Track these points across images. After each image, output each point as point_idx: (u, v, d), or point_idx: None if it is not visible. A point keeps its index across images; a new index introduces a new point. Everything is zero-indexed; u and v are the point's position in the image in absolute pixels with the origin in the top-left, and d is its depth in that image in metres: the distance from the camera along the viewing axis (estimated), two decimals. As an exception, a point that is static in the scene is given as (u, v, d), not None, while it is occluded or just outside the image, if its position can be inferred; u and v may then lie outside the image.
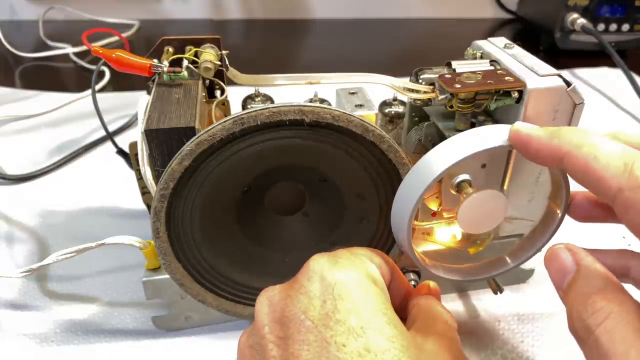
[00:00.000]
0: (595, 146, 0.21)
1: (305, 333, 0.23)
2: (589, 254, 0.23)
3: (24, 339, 0.36)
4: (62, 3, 1.01)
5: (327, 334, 0.22)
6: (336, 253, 0.27)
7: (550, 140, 0.23)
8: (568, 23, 0.86)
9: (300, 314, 0.23)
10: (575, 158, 0.22)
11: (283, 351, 0.23)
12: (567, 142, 0.22)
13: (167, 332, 0.37)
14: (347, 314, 0.23)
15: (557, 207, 0.30)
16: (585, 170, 0.21)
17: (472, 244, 0.36)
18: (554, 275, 0.24)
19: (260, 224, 0.34)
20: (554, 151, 0.23)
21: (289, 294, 0.25)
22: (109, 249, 0.34)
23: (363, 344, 0.22)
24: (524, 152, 0.25)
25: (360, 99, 0.42)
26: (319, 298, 0.24)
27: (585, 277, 0.22)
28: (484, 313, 0.39)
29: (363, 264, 0.26)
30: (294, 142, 0.29)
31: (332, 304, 0.23)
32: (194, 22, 1.09)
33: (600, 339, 0.20)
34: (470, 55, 0.37)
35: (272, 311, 0.25)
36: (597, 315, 0.20)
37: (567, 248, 0.23)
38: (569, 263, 0.23)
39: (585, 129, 0.23)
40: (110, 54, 0.34)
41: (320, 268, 0.25)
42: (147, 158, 0.32)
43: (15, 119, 0.67)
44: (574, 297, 0.22)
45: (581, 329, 0.21)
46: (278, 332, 0.24)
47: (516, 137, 0.25)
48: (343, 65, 0.86)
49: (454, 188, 0.31)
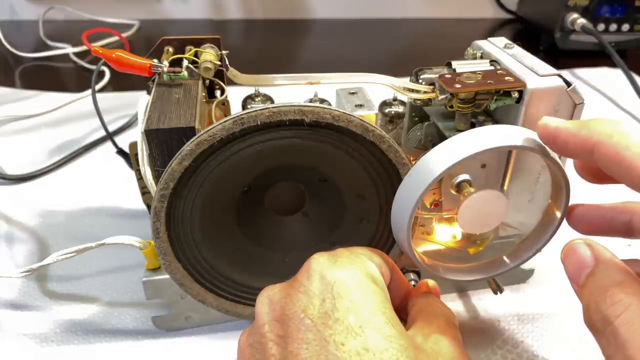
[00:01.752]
0: (627, 135, 0.21)
1: (304, 332, 0.23)
2: (608, 250, 0.23)
3: (24, 339, 0.36)
4: (62, 3, 1.01)
5: (325, 332, 0.22)
6: (336, 252, 0.27)
7: (580, 131, 0.23)
8: (568, 23, 0.86)
9: (299, 313, 0.24)
10: (606, 147, 0.22)
11: (282, 349, 0.23)
12: (597, 132, 0.22)
13: (167, 332, 0.37)
14: (346, 312, 0.23)
15: (557, 207, 0.30)
16: (617, 160, 0.21)
17: (472, 244, 0.36)
18: (571, 269, 0.24)
19: (260, 224, 0.34)
20: (584, 142, 0.23)
21: (288, 292, 0.25)
22: (109, 249, 0.34)
23: (362, 343, 0.22)
24: (552, 145, 0.25)
25: (360, 99, 0.42)
26: (318, 297, 0.24)
27: (604, 270, 0.22)
28: (484, 313, 0.39)
29: (363, 263, 0.26)
30: (294, 142, 0.29)
31: (331, 303, 0.23)
32: (194, 22, 1.09)
33: (619, 329, 0.20)
34: (470, 55, 0.37)
35: (272, 310, 0.25)
36: (616, 307, 0.20)
37: (587, 243, 0.24)
38: (587, 257, 0.23)
39: (616, 119, 0.23)
40: (110, 54, 0.34)
41: (320, 267, 0.25)
42: (147, 158, 0.32)
43: (15, 119, 0.67)
44: (592, 289, 0.22)
45: (599, 320, 0.21)
46: (278, 331, 0.24)
47: (544, 130, 0.25)
48: (343, 65, 0.86)
49: (454, 188, 0.31)
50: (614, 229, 0.27)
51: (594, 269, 0.23)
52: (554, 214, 0.30)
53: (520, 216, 0.36)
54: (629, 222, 0.27)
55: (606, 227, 0.28)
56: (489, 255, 0.34)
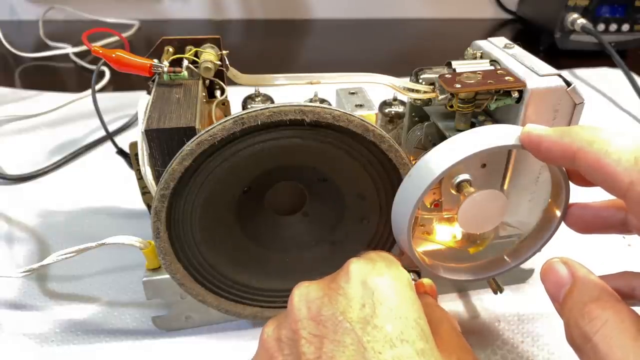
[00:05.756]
0: (607, 141, 0.22)
1: (342, 334, 0.23)
2: (584, 266, 0.24)
3: (24, 339, 0.36)
4: (62, 3, 1.01)
5: (364, 338, 0.23)
6: (371, 257, 0.27)
7: (561, 139, 0.23)
8: (568, 23, 0.86)
9: (338, 315, 0.24)
10: (587, 154, 0.22)
11: (316, 349, 0.23)
12: (578, 139, 0.23)
13: (167, 332, 0.37)
14: (385, 320, 0.23)
15: (557, 207, 0.30)
16: (597, 166, 0.21)
17: (472, 244, 0.36)
18: (550, 288, 0.24)
19: (260, 223, 0.34)
20: (566, 149, 0.23)
21: (326, 293, 0.25)
22: (109, 249, 0.34)
23: (397, 355, 0.22)
24: (536, 152, 0.25)
25: (360, 99, 0.42)
26: (358, 301, 0.24)
27: (581, 288, 0.23)
28: (484, 313, 0.39)
29: (401, 271, 0.26)
30: (294, 142, 0.29)
31: (371, 309, 0.24)
32: (194, 22, 1.09)
33: (598, 345, 0.20)
34: (470, 55, 0.37)
35: (308, 308, 0.25)
36: (594, 323, 0.21)
37: (563, 261, 0.24)
38: (565, 275, 0.23)
39: (597, 126, 0.23)
40: (110, 54, 0.34)
41: (360, 271, 0.25)
42: (147, 158, 0.32)
43: (15, 119, 0.67)
44: (570, 307, 0.22)
45: (579, 337, 0.21)
46: (313, 330, 0.24)
47: (527, 138, 0.25)
48: (343, 65, 0.86)
49: (454, 188, 0.31)
50: (609, 225, 0.27)
51: (571, 287, 0.23)
52: (554, 213, 0.30)
53: (520, 216, 0.36)
54: (624, 218, 0.27)
55: (602, 224, 0.28)
56: (489, 255, 0.34)
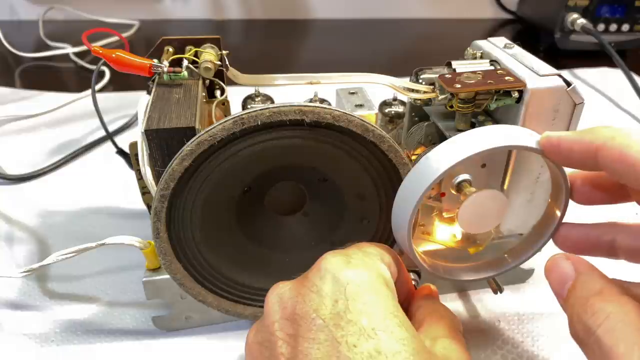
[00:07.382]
0: (628, 135, 0.22)
1: (315, 331, 0.23)
2: (587, 261, 0.24)
3: (24, 339, 0.36)
4: (62, 3, 1.01)
5: (337, 333, 0.22)
6: (348, 252, 0.27)
7: (582, 138, 0.24)
8: (568, 23, 0.86)
9: (311, 312, 0.23)
10: (610, 149, 0.22)
11: (292, 349, 0.23)
12: (600, 136, 0.23)
13: (167, 332, 0.37)
14: (359, 314, 0.23)
15: (557, 207, 0.30)
16: (620, 159, 0.22)
17: (472, 244, 0.36)
18: (554, 284, 0.24)
19: (260, 223, 0.34)
20: (588, 147, 0.23)
21: (300, 291, 0.25)
22: (109, 249, 0.34)
23: (374, 346, 0.22)
24: (556, 155, 0.25)
25: (360, 99, 0.42)
26: (330, 297, 0.24)
27: (583, 282, 0.23)
28: (484, 313, 0.39)
29: (375, 265, 0.26)
30: (294, 142, 0.29)
31: (344, 304, 0.23)
32: (194, 22, 1.09)
33: (602, 339, 0.20)
34: (470, 55, 0.37)
35: (283, 308, 0.25)
36: (597, 316, 0.21)
37: (566, 257, 0.24)
38: (568, 270, 0.24)
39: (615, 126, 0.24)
40: (110, 54, 0.34)
41: (333, 267, 0.25)
42: (147, 158, 0.32)
43: (15, 119, 0.67)
44: (573, 301, 0.23)
45: (582, 330, 0.21)
46: (288, 330, 0.24)
47: (547, 142, 0.25)
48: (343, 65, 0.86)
49: (454, 188, 0.31)
50: (597, 248, 0.28)
51: (574, 282, 0.23)
52: (554, 213, 0.30)
53: (521, 216, 0.36)
54: (612, 241, 0.27)
55: (590, 246, 0.28)
56: (489, 255, 0.34)
